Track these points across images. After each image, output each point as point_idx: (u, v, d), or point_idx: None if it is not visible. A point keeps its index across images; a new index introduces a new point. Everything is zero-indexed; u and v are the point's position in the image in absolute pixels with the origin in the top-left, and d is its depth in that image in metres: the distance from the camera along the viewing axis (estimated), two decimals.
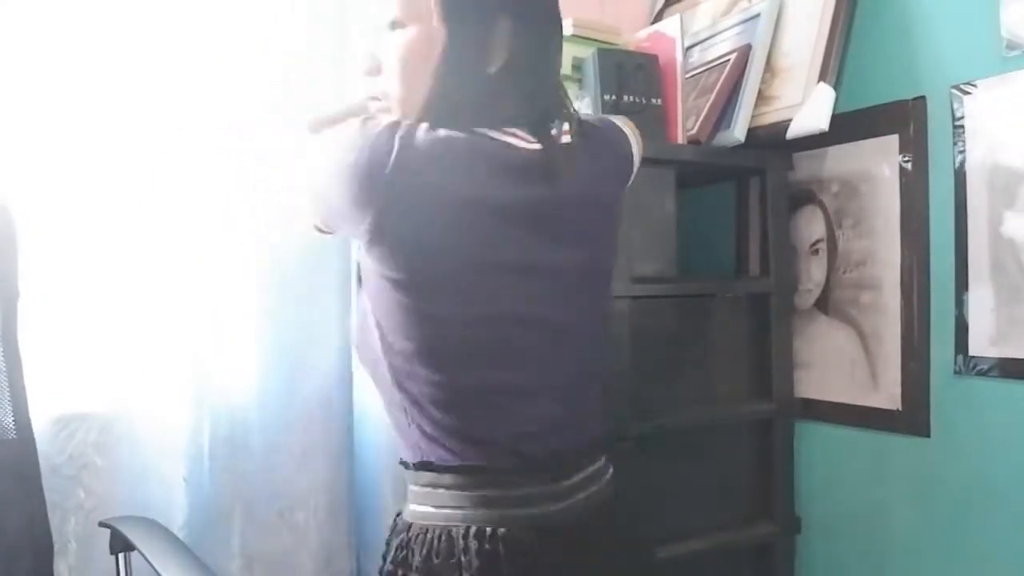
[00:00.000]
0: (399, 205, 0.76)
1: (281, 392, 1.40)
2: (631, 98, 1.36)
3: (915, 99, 1.36)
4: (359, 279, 0.85)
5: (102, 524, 1.16)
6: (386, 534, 0.88)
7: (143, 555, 1.05)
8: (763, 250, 1.54)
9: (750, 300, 1.56)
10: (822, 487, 1.56)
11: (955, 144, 1.30)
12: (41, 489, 1.12)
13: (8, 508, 1.08)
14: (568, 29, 1.49)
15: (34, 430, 1.12)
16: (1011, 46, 1.21)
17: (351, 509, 1.47)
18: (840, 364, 1.50)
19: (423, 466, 0.84)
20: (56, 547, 1.14)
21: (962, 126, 1.29)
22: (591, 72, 1.35)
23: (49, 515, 1.13)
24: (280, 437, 1.39)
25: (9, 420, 1.10)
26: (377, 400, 1.49)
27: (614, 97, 1.35)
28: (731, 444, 1.56)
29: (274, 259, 1.37)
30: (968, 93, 1.28)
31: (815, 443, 1.57)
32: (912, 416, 1.38)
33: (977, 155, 1.27)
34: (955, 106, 1.30)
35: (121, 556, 1.13)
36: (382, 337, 0.81)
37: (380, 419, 1.50)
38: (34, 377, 1.15)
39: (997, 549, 1.27)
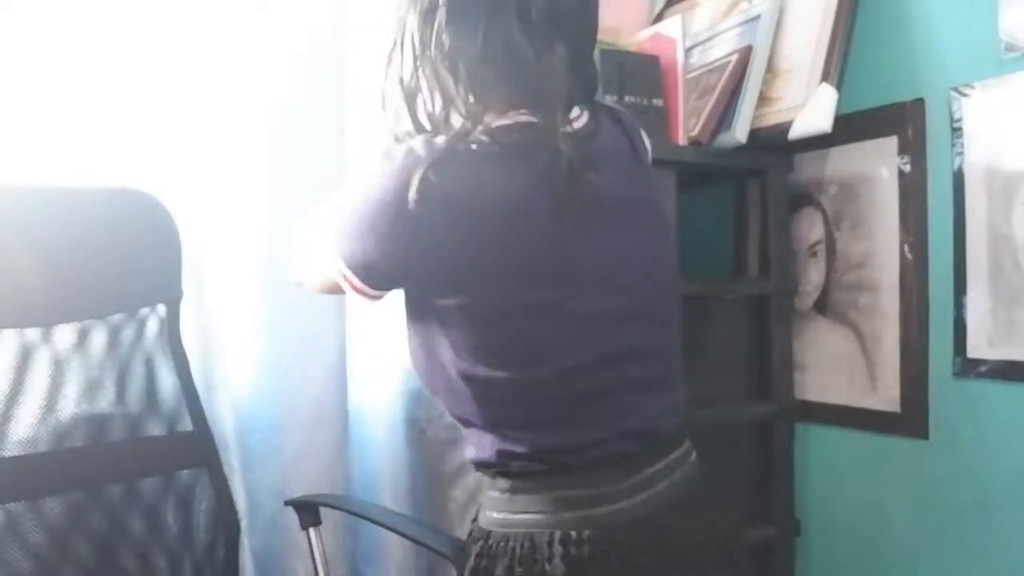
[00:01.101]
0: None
1: (279, 393, 1.40)
2: (632, 99, 1.36)
3: (914, 101, 1.36)
4: (411, 316, 0.85)
5: (288, 503, 1.25)
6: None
7: (353, 513, 1.23)
8: (763, 252, 1.54)
9: (749, 302, 1.57)
10: (821, 489, 1.56)
11: (953, 146, 1.31)
12: (224, 474, 1.19)
13: (201, 493, 1.16)
14: None
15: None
16: (1009, 48, 1.22)
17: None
18: (839, 366, 1.50)
19: (502, 470, 0.82)
20: None
21: (960, 128, 1.29)
22: None
23: None
24: (277, 438, 1.39)
25: (186, 414, 1.16)
26: (374, 403, 1.51)
27: (615, 98, 1.35)
28: (730, 446, 1.56)
29: (272, 259, 1.38)
30: (966, 95, 1.28)
31: (814, 445, 1.57)
32: (911, 418, 1.38)
33: (975, 157, 1.28)
34: (953, 108, 1.30)
35: (312, 531, 1.21)
36: (457, 361, 0.80)
37: (377, 421, 1.51)
38: None
39: (996, 551, 1.28)
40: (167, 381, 1.16)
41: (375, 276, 0.81)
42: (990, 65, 1.25)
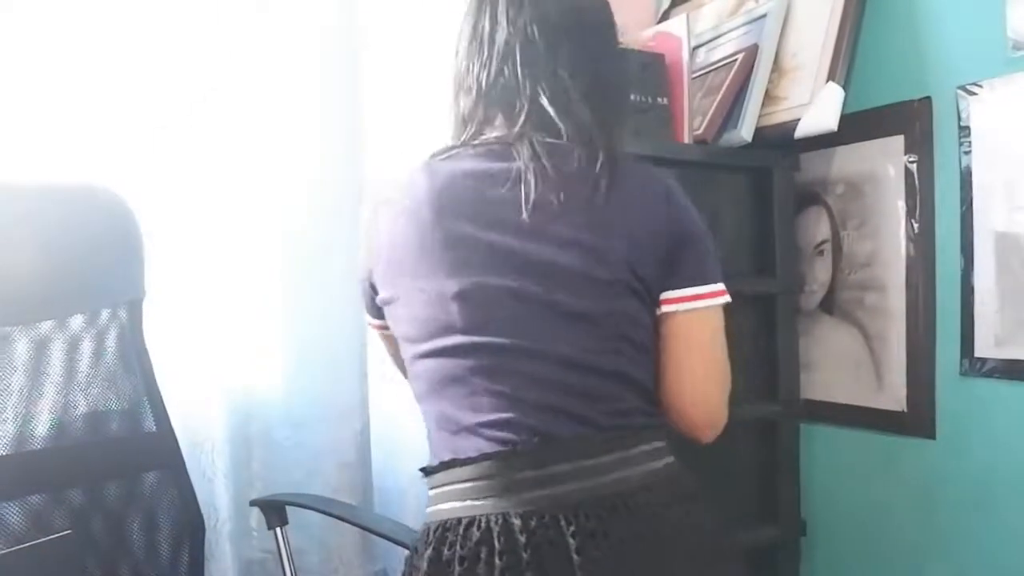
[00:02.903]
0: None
1: (300, 391, 1.40)
2: (637, 97, 1.36)
3: (921, 100, 1.36)
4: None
5: (253, 503, 1.25)
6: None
7: (322, 512, 1.23)
8: (769, 250, 1.54)
9: (755, 300, 1.56)
10: (827, 489, 1.56)
11: (960, 145, 1.30)
12: (188, 475, 1.18)
13: (164, 495, 1.15)
14: None
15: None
16: (1017, 47, 1.21)
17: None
18: (845, 365, 1.50)
19: (422, 471, 0.88)
20: None
21: (968, 127, 1.29)
22: None
23: None
24: (301, 435, 1.39)
25: (148, 415, 1.15)
26: (394, 404, 1.52)
27: None
28: (736, 446, 1.55)
29: (297, 259, 1.38)
30: (974, 94, 1.28)
31: (820, 445, 1.56)
32: (917, 418, 1.38)
33: (983, 156, 1.27)
34: (961, 107, 1.30)
35: (279, 530, 1.21)
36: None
37: (397, 423, 1.51)
38: None
39: (1003, 550, 1.27)
40: (130, 382, 1.14)
41: (368, 303, 0.96)
42: (997, 64, 1.24)
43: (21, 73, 1.20)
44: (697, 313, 0.87)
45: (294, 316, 1.39)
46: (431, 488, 0.87)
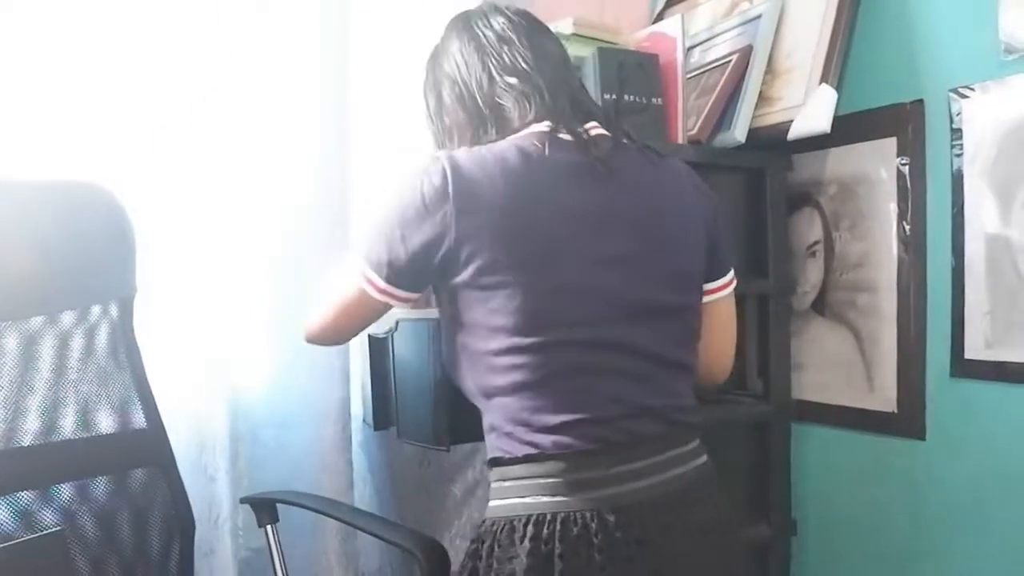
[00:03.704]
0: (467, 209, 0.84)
1: (286, 391, 1.40)
2: (632, 97, 1.36)
3: (913, 102, 1.36)
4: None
5: (243, 500, 1.25)
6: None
7: (312, 510, 1.22)
8: (762, 251, 1.54)
9: (747, 301, 1.57)
10: (818, 489, 1.56)
11: (952, 147, 1.31)
12: (178, 473, 1.17)
13: (154, 492, 1.14)
14: (568, 28, 1.49)
15: None
16: (1009, 50, 1.22)
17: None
18: (836, 366, 1.50)
19: (492, 462, 0.89)
20: None
21: (960, 129, 1.29)
22: (592, 71, 1.36)
23: None
24: (286, 435, 1.39)
25: (139, 411, 1.14)
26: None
27: (615, 96, 1.35)
28: (728, 446, 1.56)
29: (287, 257, 1.38)
30: (966, 96, 1.29)
31: (811, 445, 1.57)
32: (908, 418, 1.38)
33: (974, 158, 1.28)
34: (953, 109, 1.30)
35: (269, 528, 1.22)
36: (464, 348, 0.88)
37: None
38: None
39: (992, 551, 1.28)
40: (120, 379, 1.13)
41: (400, 272, 0.87)
42: (990, 67, 1.25)
43: (21, 72, 1.20)
44: (732, 296, 1.02)
45: (281, 316, 1.38)
46: (504, 480, 0.87)
